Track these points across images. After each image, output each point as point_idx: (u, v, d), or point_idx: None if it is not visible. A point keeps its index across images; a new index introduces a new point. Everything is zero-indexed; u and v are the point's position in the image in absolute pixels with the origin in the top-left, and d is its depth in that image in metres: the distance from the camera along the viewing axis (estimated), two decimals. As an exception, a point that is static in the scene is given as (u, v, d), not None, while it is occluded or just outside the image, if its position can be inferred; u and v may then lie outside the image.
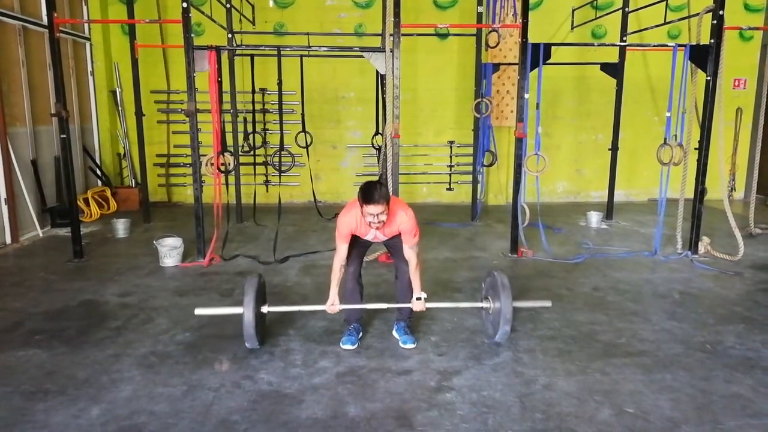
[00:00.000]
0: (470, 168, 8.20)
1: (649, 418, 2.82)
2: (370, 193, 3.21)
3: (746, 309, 4.34)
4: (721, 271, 5.29)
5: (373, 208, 3.21)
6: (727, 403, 2.97)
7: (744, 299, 4.57)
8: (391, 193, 3.85)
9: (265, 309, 3.56)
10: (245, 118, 7.48)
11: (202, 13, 6.32)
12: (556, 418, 2.82)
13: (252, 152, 7.72)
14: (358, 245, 3.63)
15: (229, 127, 7.00)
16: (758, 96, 9.00)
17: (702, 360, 3.47)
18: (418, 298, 3.51)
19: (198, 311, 3.62)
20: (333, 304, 3.50)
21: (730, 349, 3.62)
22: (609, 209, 7.70)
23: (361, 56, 5.62)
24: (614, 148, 7.47)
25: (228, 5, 6.88)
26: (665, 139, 5.71)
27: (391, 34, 5.30)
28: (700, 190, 5.71)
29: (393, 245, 3.65)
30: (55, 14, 5.29)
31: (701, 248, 5.79)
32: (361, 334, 3.71)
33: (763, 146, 7.01)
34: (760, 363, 3.43)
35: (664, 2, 6.30)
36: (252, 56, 6.84)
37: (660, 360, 3.46)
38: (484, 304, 3.68)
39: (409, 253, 3.50)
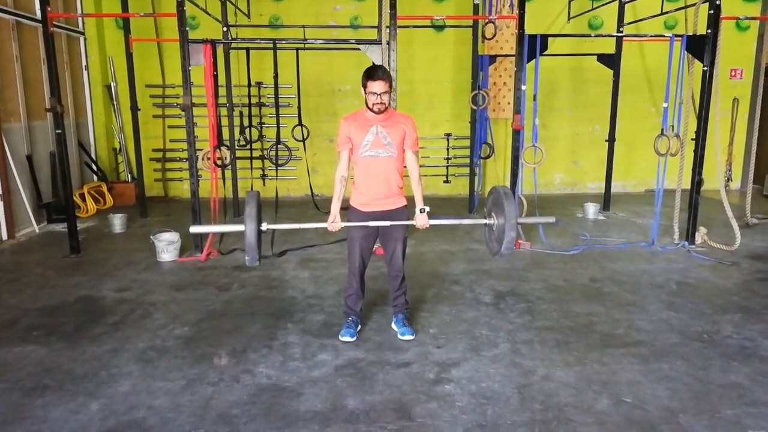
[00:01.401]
0: (467, 160, 8.18)
1: (646, 408, 2.83)
2: (374, 70, 3.33)
3: (743, 298, 4.36)
4: (718, 261, 5.31)
5: (377, 86, 3.25)
6: (725, 392, 2.98)
7: (741, 289, 4.59)
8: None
9: (264, 226, 3.39)
10: (241, 112, 7.45)
11: (197, 6, 6.27)
12: (554, 408, 2.84)
13: (248, 146, 7.69)
14: (364, 239, 3.53)
15: (225, 121, 6.97)
16: (755, 86, 9.02)
17: (699, 349, 3.48)
18: (422, 210, 3.46)
19: (193, 229, 3.54)
20: (334, 221, 3.45)
21: (727, 339, 3.64)
22: (606, 200, 7.71)
23: (358, 49, 5.60)
24: (611, 139, 7.47)
25: (223, -2, 6.84)
26: (662, 129, 5.70)
27: (387, 26, 5.28)
28: (697, 181, 5.71)
29: (387, 234, 3.58)
30: (49, 8, 5.25)
31: (698, 238, 5.81)
32: (359, 326, 3.71)
33: (760, 136, 7.00)
34: (757, 352, 3.44)
35: (661, -8, 6.28)
36: (247, 49, 6.80)
37: (657, 350, 3.48)
38: (488, 221, 3.63)
39: (412, 160, 3.48)
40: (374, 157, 3.39)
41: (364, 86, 3.31)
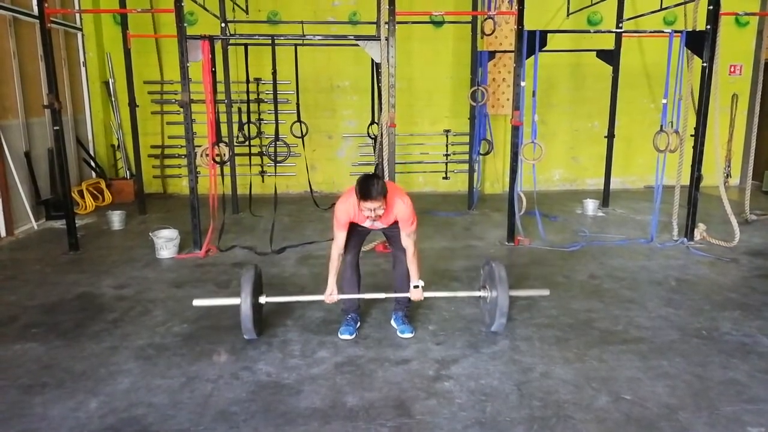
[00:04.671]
0: (466, 157, 8.17)
1: (646, 405, 2.84)
2: (367, 188, 3.19)
3: (742, 295, 4.36)
4: (717, 257, 5.31)
5: (370, 204, 3.22)
6: (724, 389, 2.99)
7: (740, 285, 4.59)
8: (387, 179, 3.85)
9: (262, 300, 3.56)
10: (240, 108, 7.43)
11: (195, 2, 6.25)
12: (553, 405, 2.84)
13: (247, 143, 7.67)
14: (356, 233, 3.61)
15: (223, 118, 6.95)
16: (754, 82, 9.00)
17: (698, 346, 3.49)
18: (416, 286, 3.51)
19: (196, 302, 3.62)
20: (331, 294, 3.50)
21: (726, 335, 3.64)
22: (605, 197, 7.70)
23: (356, 45, 5.58)
24: (610, 136, 7.46)
25: (221, -6, 6.80)
26: (661, 126, 5.70)
27: (386, 22, 5.26)
28: (696, 177, 5.71)
29: (391, 234, 3.64)
30: (46, 4, 5.23)
31: (697, 235, 5.81)
32: (358, 323, 3.72)
33: (759, 132, 6.99)
34: (756, 349, 3.45)
35: (660, -12, 6.26)
36: (246, 45, 6.78)
37: (656, 347, 3.48)
38: (482, 293, 3.69)
39: (407, 241, 3.49)
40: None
41: (358, 201, 3.25)
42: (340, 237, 3.46)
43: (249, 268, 3.53)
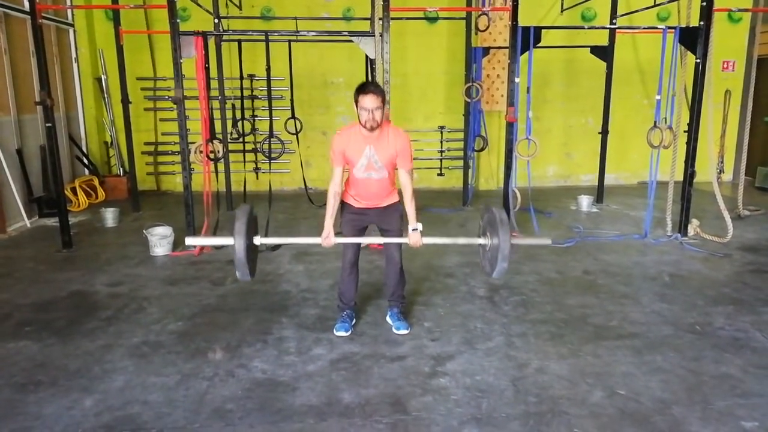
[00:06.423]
0: (461, 153, 8.19)
1: (640, 400, 2.85)
2: (365, 85, 3.28)
3: (735, 290, 4.39)
4: (711, 253, 5.34)
5: (368, 101, 3.18)
6: (717, 384, 3.01)
7: (733, 280, 4.62)
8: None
9: (257, 240, 3.42)
10: (233, 105, 7.40)
11: (188, -3, 6.22)
12: (549, 400, 2.85)
13: (241, 139, 7.65)
14: (356, 229, 3.56)
15: (217, 114, 6.92)
16: (747, 78, 9.00)
17: (692, 341, 3.51)
18: (414, 229, 3.41)
19: (189, 240, 3.58)
20: (327, 237, 3.42)
21: (720, 330, 3.66)
22: (599, 193, 7.73)
23: (350, 41, 5.57)
24: (604, 132, 7.48)
25: (214, -11, 6.76)
26: (655, 122, 5.72)
27: (380, 18, 5.25)
28: (690, 173, 5.73)
29: (384, 221, 3.59)
30: (37, 0, 5.18)
31: (691, 230, 5.84)
32: (354, 320, 3.71)
33: (752, 128, 7.05)
34: (749, 343, 3.47)
35: (654, -16, 6.27)
36: (239, 41, 6.74)
37: (650, 342, 3.50)
38: (482, 241, 3.56)
39: (405, 178, 3.46)
40: (367, 178, 3.42)
41: (356, 101, 3.24)
42: (336, 173, 3.42)
43: (242, 206, 3.35)
